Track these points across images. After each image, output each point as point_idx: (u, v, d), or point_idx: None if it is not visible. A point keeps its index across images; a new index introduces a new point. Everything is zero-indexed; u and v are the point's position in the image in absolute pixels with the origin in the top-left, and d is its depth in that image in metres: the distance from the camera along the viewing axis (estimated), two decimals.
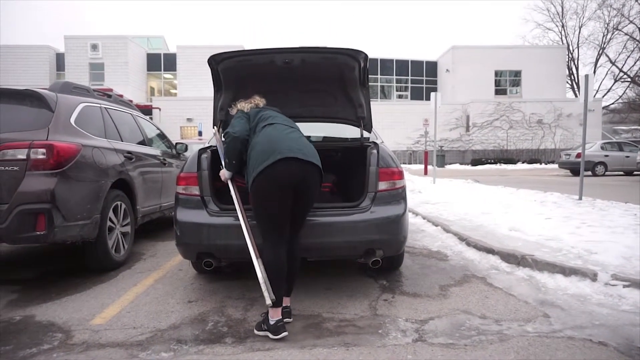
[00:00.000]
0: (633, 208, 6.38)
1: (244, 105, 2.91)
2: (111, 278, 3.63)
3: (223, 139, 2.92)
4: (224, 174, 2.84)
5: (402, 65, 34.95)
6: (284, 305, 2.63)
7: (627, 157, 17.18)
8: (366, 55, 3.12)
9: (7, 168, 3.09)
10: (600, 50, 37.15)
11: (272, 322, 2.40)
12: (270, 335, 2.38)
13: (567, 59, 35.44)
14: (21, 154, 3.12)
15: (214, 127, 3.39)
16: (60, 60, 30.58)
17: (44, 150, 3.17)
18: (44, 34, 73.27)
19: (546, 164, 26.61)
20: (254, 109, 2.87)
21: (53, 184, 3.17)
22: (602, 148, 17.70)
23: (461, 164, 28.00)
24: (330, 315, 2.74)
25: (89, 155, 3.60)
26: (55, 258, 4.38)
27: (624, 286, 3.01)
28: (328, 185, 3.86)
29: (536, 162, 27.12)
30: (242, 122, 2.75)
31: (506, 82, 32.41)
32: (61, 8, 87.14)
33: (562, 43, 37.79)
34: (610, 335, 2.39)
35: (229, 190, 2.84)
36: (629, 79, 35.98)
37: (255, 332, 2.47)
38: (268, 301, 2.41)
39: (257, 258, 2.56)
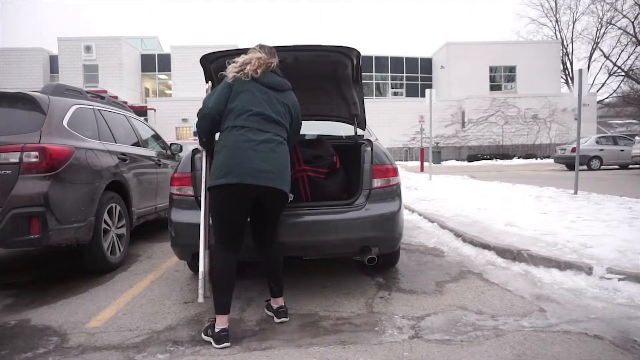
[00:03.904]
0: (628, 202, 6.41)
1: (234, 71, 2.48)
2: (107, 280, 3.61)
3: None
4: (200, 148, 2.76)
5: (397, 62, 34.98)
6: (279, 305, 2.64)
7: (622, 150, 17.26)
8: (359, 53, 3.10)
9: None
10: (594, 45, 37.33)
11: (216, 331, 2.33)
12: (213, 344, 2.31)
13: (561, 54, 35.59)
14: (13, 158, 3.10)
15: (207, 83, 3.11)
16: (54, 63, 30.45)
17: (36, 153, 3.15)
18: (43, 36, 73.32)
19: (542, 158, 26.70)
20: (242, 81, 2.46)
21: (46, 187, 3.15)
22: (597, 142, 17.78)
23: (457, 160, 28.07)
24: (327, 314, 2.73)
25: (82, 157, 3.58)
26: (50, 261, 4.36)
27: (619, 279, 3.03)
28: (323, 171, 3.35)
29: (532, 157, 27.22)
30: (220, 97, 2.45)
31: (501, 78, 32.51)
32: (59, 9, 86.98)
33: (556, 38, 37.94)
34: (606, 328, 2.40)
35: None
36: (623, 73, 36.12)
37: (202, 335, 2.41)
38: (200, 299, 2.39)
39: (205, 249, 2.53)
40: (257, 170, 2.30)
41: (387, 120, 27.90)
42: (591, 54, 37.73)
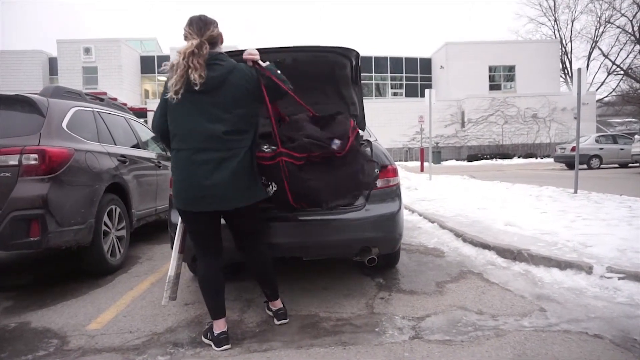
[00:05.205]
0: (627, 200, 6.41)
1: (176, 88, 2.15)
2: (107, 282, 3.61)
3: None
4: None
5: (396, 63, 35.00)
6: (277, 307, 2.63)
7: (622, 149, 17.27)
8: (358, 53, 3.10)
9: None
10: (593, 44, 37.33)
11: (215, 334, 2.34)
12: (213, 346, 2.32)
13: (560, 53, 35.60)
14: (13, 160, 3.10)
15: None
16: (53, 65, 30.45)
17: (35, 155, 3.15)
18: (43, 38, 73.54)
19: (542, 158, 26.71)
20: (172, 100, 2.18)
21: (46, 189, 3.15)
22: (596, 141, 17.79)
23: (457, 160, 28.08)
24: (327, 315, 2.73)
25: (82, 159, 3.58)
26: (50, 263, 4.35)
27: (619, 278, 3.03)
28: (297, 155, 2.45)
29: (532, 157, 27.23)
30: (161, 115, 2.31)
31: (500, 78, 32.53)
32: (59, 10, 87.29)
33: (555, 37, 37.94)
34: (606, 327, 2.40)
35: None
36: (621, 72, 36.13)
37: (202, 338, 2.42)
38: (164, 301, 2.42)
39: (178, 253, 2.54)
40: (196, 197, 2.23)
41: (387, 121, 27.89)
42: (590, 53, 37.77)
